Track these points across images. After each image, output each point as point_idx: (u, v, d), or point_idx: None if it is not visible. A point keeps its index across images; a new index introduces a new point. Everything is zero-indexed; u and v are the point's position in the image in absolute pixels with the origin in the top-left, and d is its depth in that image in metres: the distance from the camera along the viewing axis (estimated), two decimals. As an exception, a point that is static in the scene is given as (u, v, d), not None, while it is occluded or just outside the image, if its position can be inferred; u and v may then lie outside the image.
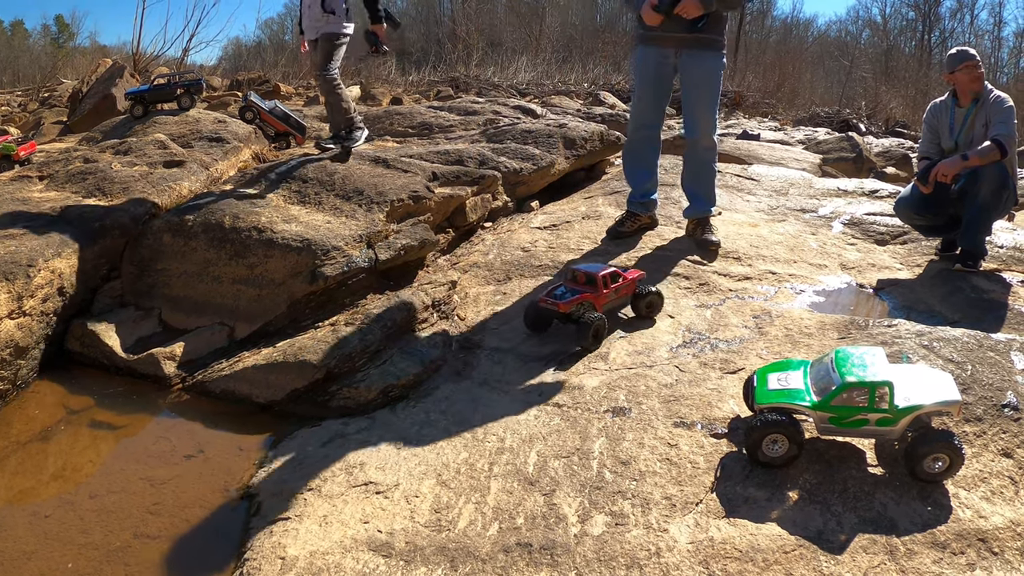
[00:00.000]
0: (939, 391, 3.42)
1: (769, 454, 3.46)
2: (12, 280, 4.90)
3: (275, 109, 9.84)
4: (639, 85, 6.17)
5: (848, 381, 3.37)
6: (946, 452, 3.28)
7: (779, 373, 3.68)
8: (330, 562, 3.20)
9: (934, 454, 3.29)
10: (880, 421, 3.37)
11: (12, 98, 21.03)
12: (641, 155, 6.39)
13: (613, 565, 3.02)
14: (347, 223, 5.83)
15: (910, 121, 23.01)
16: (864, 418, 3.38)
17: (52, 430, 4.50)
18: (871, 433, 3.45)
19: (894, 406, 3.34)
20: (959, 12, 50.71)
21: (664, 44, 5.88)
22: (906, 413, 3.35)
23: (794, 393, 3.51)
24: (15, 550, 3.45)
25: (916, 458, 3.32)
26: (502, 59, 31.99)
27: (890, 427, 3.39)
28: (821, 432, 3.51)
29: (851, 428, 3.44)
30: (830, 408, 3.40)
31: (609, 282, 4.86)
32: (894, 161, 12.60)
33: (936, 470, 3.32)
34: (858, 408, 3.37)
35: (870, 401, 3.35)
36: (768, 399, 3.52)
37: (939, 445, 3.28)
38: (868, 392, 3.35)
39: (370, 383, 4.61)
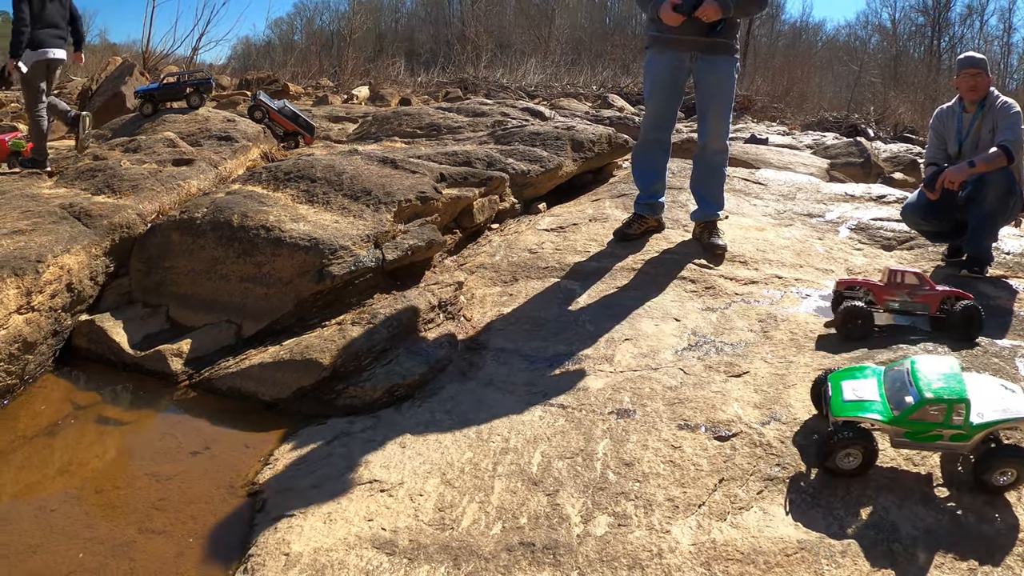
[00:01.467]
0: (1011, 407, 3.39)
1: (842, 466, 3.44)
2: (21, 275, 4.93)
3: (284, 108, 9.90)
4: (652, 88, 6.17)
5: (927, 397, 3.33)
6: (1015, 466, 3.29)
7: (853, 382, 3.65)
8: (334, 559, 3.21)
9: (1003, 468, 3.30)
10: (954, 437, 3.36)
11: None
12: (651, 158, 6.39)
13: (615, 566, 3.04)
14: (355, 223, 5.85)
15: (918, 127, 22.98)
16: (939, 433, 3.37)
17: (59, 425, 4.52)
18: (944, 448, 3.44)
19: (969, 423, 3.33)
20: (969, 18, 50.50)
21: (678, 48, 5.88)
22: (980, 430, 3.34)
23: (870, 406, 3.48)
24: (21, 543, 3.47)
25: (986, 471, 3.32)
26: (511, 61, 32.07)
27: (963, 442, 3.38)
28: (895, 446, 3.50)
29: (924, 443, 3.43)
30: (907, 423, 3.38)
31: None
32: (902, 167, 12.58)
33: (1003, 483, 3.33)
34: (934, 424, 3.35)
35: (946, 417, 3.33)
36: (845, 412, 3.50)
37: (1010, 460, 3.30)
38: (946, 409, 3.32)
39: (376, 382, 4.62)
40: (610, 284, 5.62)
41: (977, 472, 3.35)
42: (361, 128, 11.17)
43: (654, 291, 5.49)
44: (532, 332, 5.06)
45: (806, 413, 3.84)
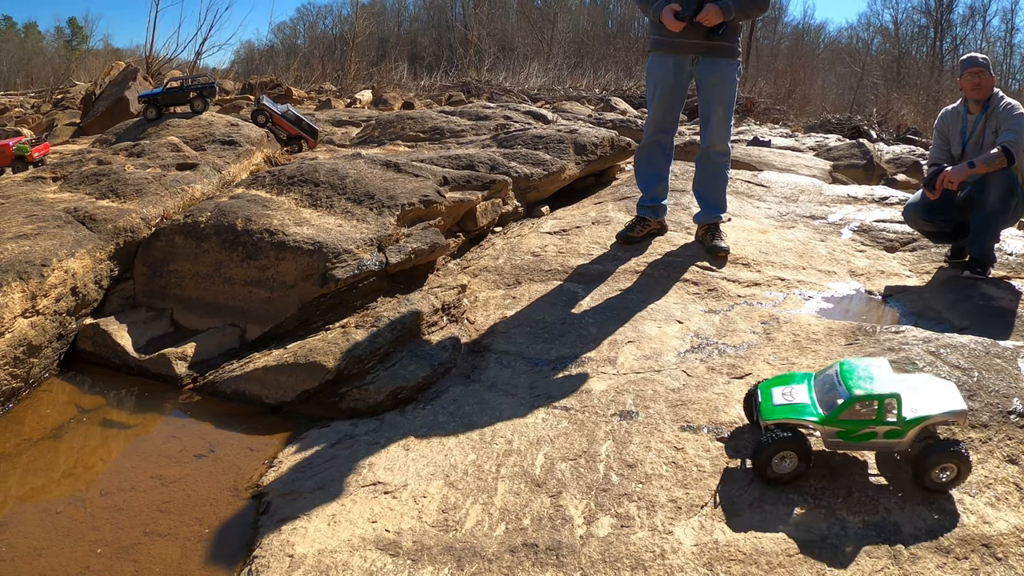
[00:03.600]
0: (945, 401, 3.41)
1: (778, 471, 3.43)
2: (26, 279, 4.95)
3: (287, 113, 9.91)
4: (654, 92, 6.18)
5: (856, 395, 3.34)
6: (954, 461, 3.28)
7: (783, 387, 3.65)
8: (338, 560, 3.23)
9: (942, 464, 3.30)
10: (888, 433, 3.36)
11: (26, 100, 21.16)
12: (654, 161, 6.41)
13: (618, 566, 3.04)
14: (358, 226, 5.87)
15: (921, 128, 22.97)
16: (872, 431, 3.36)
17: (64, 428, 4.54)
18: (880, 446, 3.43)
19: (902, 418, 3.33)
20: (971, 19, 50.52)
21: (680, 51, 5.90)
22: (914, 424, 3.34)
23: (800, 408, 3.48)
24: (26, 546, 3.48)
25: (924, 468, 3.32)
26: (514, 64, 32.09)
27: (898, 439, 3.37)
28: (829, 447, 3.49)
29: (859, 442, 3.42)
30: (838, 422, 3.38)
31: None
32: (905, 168, 12.57)
33: (944, 479, 3.33)
34: (866, 421, 3.35)
35: (878, 414, 3.33)
36: (775, 415, 3.50)
37: (947, 455, 3.28)
38: (876, 405, 3.33)
39: (379, 385, 4.63)
40: (613, 287, 5.63)
41: (916, 470, 3.37)
42: (364, 132, 11.18)
43: (657, 293, 5.50)
44: (535, 335, 5.07)
45: (808, 414, 3.84)
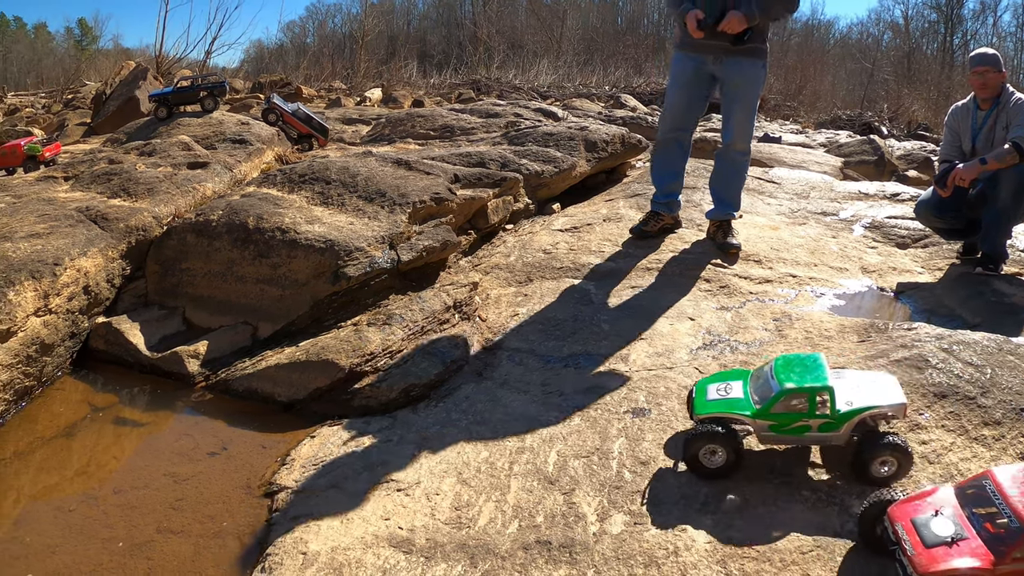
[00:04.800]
0: (883, 395, 3.41)
1: (707, 464, 3.45)
2: (39, 278, 4.97)
3: (298, 111, 9.93)
4: (674, 88, 6.19)
5: (787, 388, 3.36)
6: (893, 454, 3.29)
7: (719, 384, 3.66)
8: (351, 558, 3.23)
9: (881, 457, 3.30)
10: (822, 427, 3.37)
11: (36, 100, 21.23)
12: (670, 157, 6.41)
13: (631, 563, 3.04)
14: (370, 224, 5.87)
15: (932, 124, 22.87)
16: (806, 424, 3.37)
17: (77, 426, 4.55)
18: (815, 439, 3.43)
19: (836, 411, 3.34)
20: (982, 14, 50.29)
21: (703, 51, 5.90)
22: (848, 417, 3.35)
23: (734, 402, 3.50)
24: (40, 543, 3.50)
25: (863, 463, 3.33)
26: (523, 62, 32.06)
27: (833, 432, 3.37)
28: (762, 441, 3.50)
29: (793, 435, 3.42)
30: (770, 416, 3.39)
31: None
32: (916, 164, 12.51)
33: (885, 473, 3.32)
34: (799, 415, 3.36)
35: (810, 407, 3.35)
36: (707, 409, 3.52)
37: (886, 448, 3.28)
38: (807, 397, 3.34)
39: (392, 383, 4.64)
40: (625, 284, 5.63)
41: (856, 464, 3.37)
42: (374, 130, 11.19)
43: (669, 291, 5.49)
44: (547, 332, 5.06)
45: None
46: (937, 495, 2.78)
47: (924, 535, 2.64)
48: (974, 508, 2.65)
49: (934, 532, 2.63)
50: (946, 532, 2.62)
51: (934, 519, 2.68)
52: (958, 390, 3.84)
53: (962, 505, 2.70)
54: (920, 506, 2.76)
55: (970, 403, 3.75)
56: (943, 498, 2.76)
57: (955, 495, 2.75)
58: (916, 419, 3.70)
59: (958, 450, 3.52)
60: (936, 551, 2.57)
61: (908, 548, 2.63)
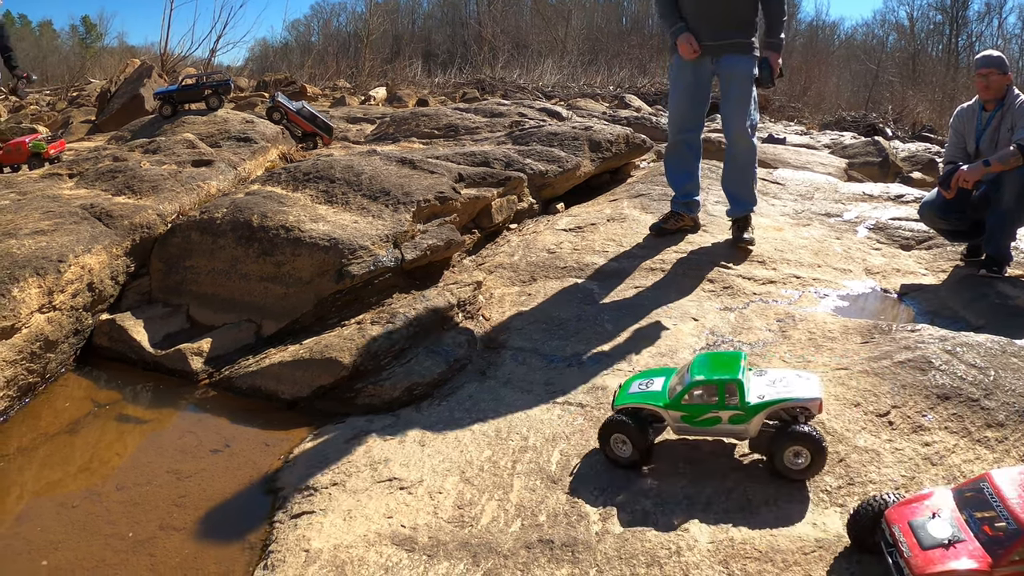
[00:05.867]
0: (797, 390, 3.44)
1: (618, 453, 3.58)
2: (43, 275, 4.97)
3: (302, 110, 9.94)
4: (676, 91, 6.25)
5: (697, 380, 3.45)
6: (805, 445, 3.31)
7: (644, 379, 3.76)
8: (354, 555, 3.23)
9: (792, 447, 3.32)
10: (733, 419, 3.42)
11: (41, 97, 21.22)
12: (682, 160, 6.46)
13: (633, 563, 3.04)
14: (374, 223, 5.87)
15: (937, 126, 22.83)
16: (716, 416, 3.44)
17: (80, 423, 4.56)
18: (726, 432, 3.50)
19: (745, 403, 3.39)
20: (987, 15, 50.13)
21: (702, 53, 5.95)
22: (758, 410, 3.39)
23: (650, 395, 3.59)
24: (43, 539, 3.51)
25: (775, 453, 3.37)
26: (528, 61, 32.05)
27: (743, 424, 3.42)
28: (677, 432, 3.60)
29: (705, 427, 3.50)
30: (681, 407, 3.48)
31: None
32: (920, 166, 12.50)
33: (799, 465, 3.35)
34: (709, 406, 3.44)
35: (720, 399, 3.41)
36: (624, 401, 3.63)
37: (797, 438, 3.31)
38: (717, 389, 3.41)
39: (395, 381, 4.64)
40: (628, 284, 5.63)
41: (768, 456, 3.42)
42: (379, 129, 11.19)
43: (672, 291, 5.50)
44: (550, 331, 5.07)
45: (825, 412, 3.82)
46: (935, 498, 2.78)
47: (921, 537, 2.63)
48: (972, 511, 2.65)
49: (931, 534, 2.63)
50: (943, 534, 2.61)
51: (931, 521, 2.68)
52: (961, 392, 3.84)
53: (960, 508, 2.69)
54: (918, 508, 2.76)
55: (973, 405, 3.75)
56: (941, 501, 2.76)
57: (953, 498, 2.75)
58: (919, 421, 3.70)
59: (961, 452, 3.52)
60: (933, 553, 2.57)
61: (905, 550, 2.63)
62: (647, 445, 3.55)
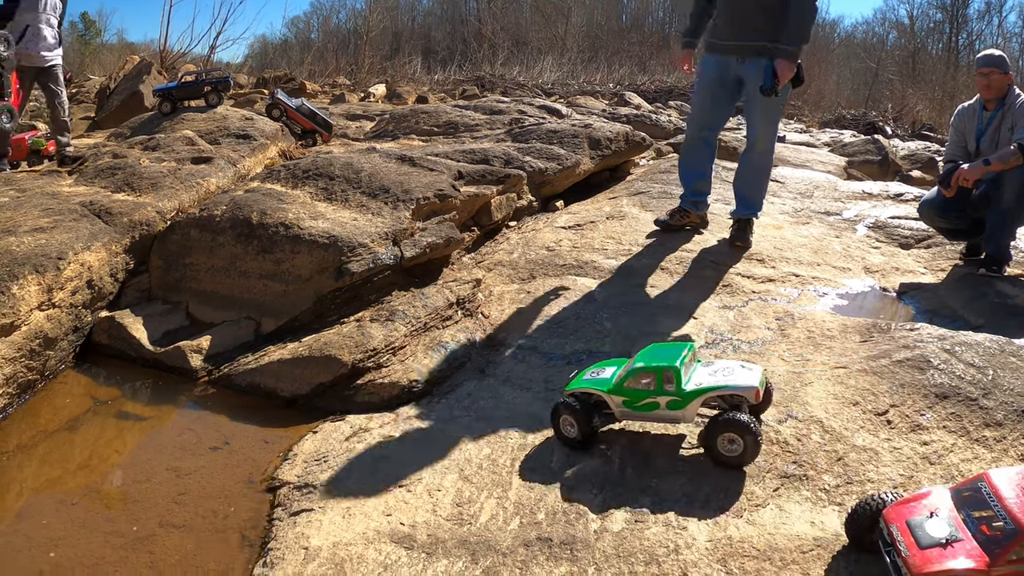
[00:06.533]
0: (736, 379, 3.53)
1: (566, 434, 3.76)
2: (42, 272, 4.97)
3: (302, 107, 9.94)
4: (700, 89, 6.26)
5: (637, 367, 3.60)
6: (738, 432, 3.38)
7: (598, 369, 3.92)
8: (353, 553, 3.24)
9: (726, 434, 3.40)
10: (670, 404, 3.54)
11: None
12: (698, 157, 6.48)
13: (632, 561, 3.04)
14: (373, 220, 5.87)
15: (937, 124, 22.86)
16: (655, 401, 3.56)
17: (79, 420, 4.56)
18: (664, 417, 3.61)
19: (682, 389, 3.49)
20: (987, 14, 50.21)
21: (726, 52, 5.96)
22: (693, 396, 3.49)
23: (597, 381, 3.75)
24: (42, 536, 3.50)
25: (710, 440, 3.46)
26: (527, 58, 32.05)
27: (680, 410, 3.53)
28: (620, 417, 3.72)
29: (644, 412, 3.62)
30: (623, 391, 3.62)
31: None
32: (920, 164, 12.51)
33: (732, 453, 3.43)
34: (648, 392, 3.57)
35: (658, 384, 3.54)
36: (574, 386, 3.82)
37: (731, 425, 3.39)
38: (655, 376, 3.54)
39: (394, 379, 4.64)
40: (628, 282, 5.63)
41: (704, 442, 3.52)
42: (378, 126, 11.20)
43: (671, 289, 5.50)
44: (550, 329, 5.07)
45: (823, 411, 3.84)
46: (933, 497, 2.78)
47: (919, 536, 2.64)
48: (970, 510, 2.65)
49: (929, 534, 2.63)
50: (941, 534, 2.61)
51: (929, 521, 2.68)
52: (960, 391, 3.84)
53: (958, 507, 2.70)
54: (915, 508, 2.76)
55: (972, 404, 3.75)
56: (939, 500, 2.76)
57: (951, 497, 2.75)
58: (918, 420, 3.70)
59: (959, 451, 3.52)
60: (931, 552, 2.57)
61: (903, 549, 2.63)
62: (591, 428, 3.71)
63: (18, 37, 8.03)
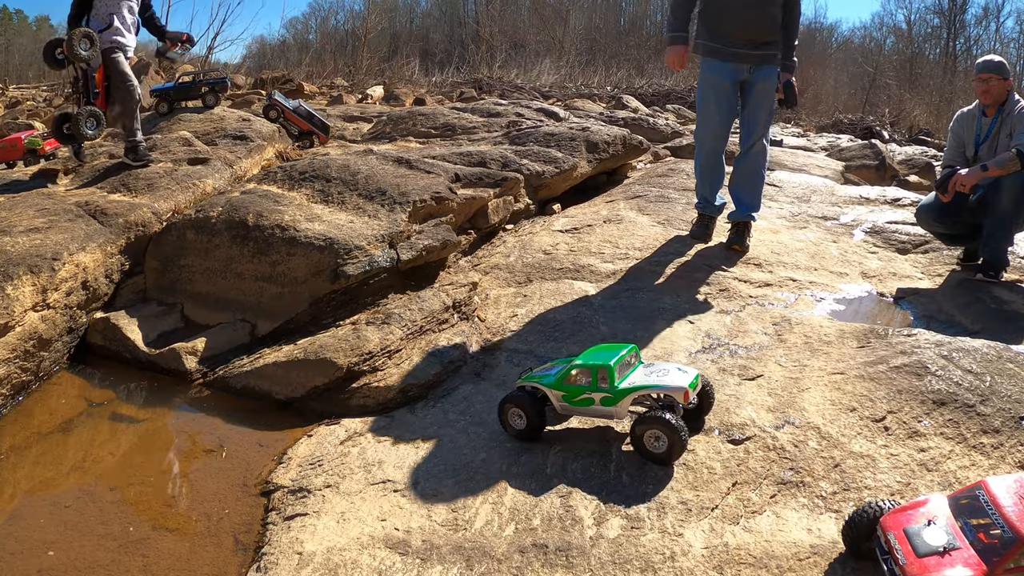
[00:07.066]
0: (668, 379, 3.69)
1: (513, 425, 3.94)
2: (37, 273, 4.96)
3: (299, 108, 9.93)
4: (713, 96, 6.19)
5: (576, 364, 3.81)
6: (661, 430, 3.51)
7: (550, 365, 4.10)
8: (347, 558, 3.22)
9: (651, 430, 3.54)
10: (603, 400, 3.74)
11: (37, 93, 21.17)
12: (718, 168, 6.51)
13: (628, 568, 3.03)
14: (369, 223, 5.86)
15: (934, 129, 22.87)
16: (590, 397, 3.77)
17: (73, 422, 4.55)
18: (599, 412, 3.80)
19: (614, 387, 3.69)
20: (984, 19, 50.20)
21: (737, 60, 5.99)
22: (625, 394, 3.68)
23: (544, 377, 3.94)
24: (36, 539, 3.49)
25: (637, 435, 3.59)
26: (525, 61, 32.00)
27: (612, 407, 3.72)
28: (560, 411, 3.90)
29: (581, 407, 3.82)
30: (561, 387, 3.83)
31: None
32: (917, 169, 12.52)
33: (659, 449, 3.56)
34: (584, 388, 3.77)
35: (593, 381, 3.74)
36: (523, 380, 4.01)
37: (655, 422, 3.52)
38: (591, 373, 3.74)
39: (390, 382, 4.63)
40: (624, 286, 5.62)
41: (632, 438, 3.64)
42: (376, 128, 11.19)
43: (668, 293, 5.49)
44: (546, 333, 5.06)
45: (820, 417, 3.83)
46: (930, 505, 2.78)
47: (916, 544, 2.63)
48: (968, 518, 2.64)
49: (926, 542, 2.62)
50: (939, 542, 2.61)
51: (927, 529, 2.67)
52: (957, 397, 3.83)
53: (955, 515, 2.69)
54: (913, 516, 2.75)
55: (969, 411, 3.74)
56: (936, 508, 2.75)
57: (949, 505, 2.75)
58: (915, 427, 3.70)
59: (956, 458, 3.51)
60: (928, 560, 2.56)
61: (900, 557, 2.62)
62: (538, 422, 3.88)
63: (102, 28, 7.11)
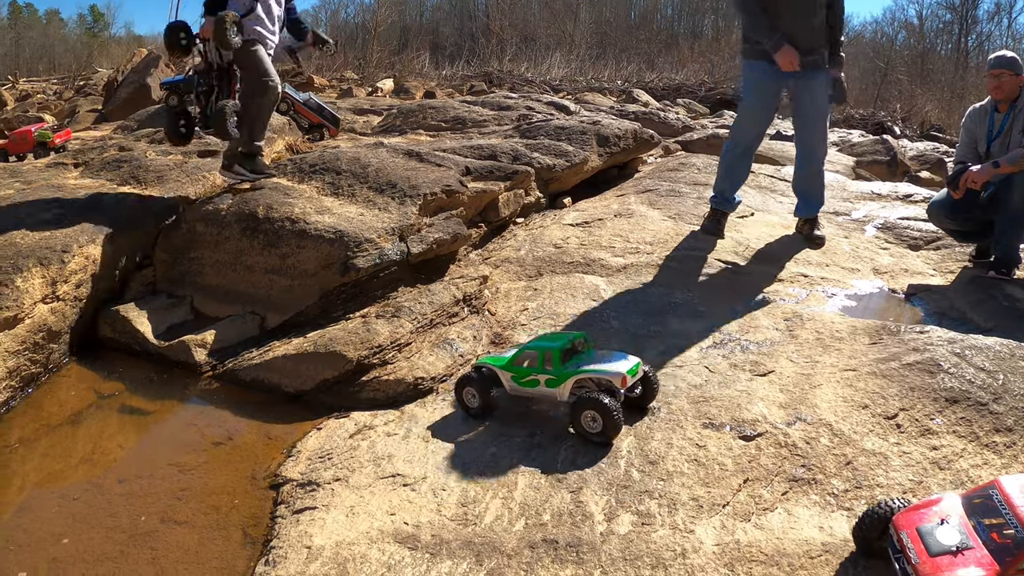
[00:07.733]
0: (608, 365, 3.87)
1: (468, 403, 4.18)
2: (47, 265, 4.95)
3: (309, 101, 9.90)
4: (758, 96, 6.28)
5: (525, 347, 4.07)
6: (597, 411, 3.68)
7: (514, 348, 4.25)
8: (356, 552, 3.21)
9: (587, 412, 3.71)
10: (548, 382, 3.95)
11: (48, 86, 21.25)
12: (746, 167, 6.60)
13: (638, 564, 3.02)
14: (380, 216, 5.84)
15: (945, 125, 22.76)
16: (536, 379, 3.99)
17: (82, 414, 4.55)
18: (543, 394, 4.00)
19: (559, 369, 3.90)
20: (997, 15, 50.15)
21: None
22: (567, 376, 3.88)
23: (497, 358, 4.17)
24: (45, 531, 3.49)
25: (575, 416, 3.76)
26: (535, 55, 31.99)
27: (556, 388, 3.93)
28: (510, 391, 4.12)
29: (528, 387, 4.04)
30: (512, 368, 4.06)
31: None
32: (929, 165, 12.45)
33: (593, 429, 3.73)
34: (531, 370, 3.99)
35: (539, 364, 3.95)
36: (480, 361, 4.27)
37: (590, 404, 3.69)
38: (538, 356, 3.96)
39: (400, 376, 4.61)
40: (635, 280, 5.60)
41: (571, 417, 3.81)
42: (386, 121, 11.17)
43: (679, 288, 5.47)
44: (556, 327, 5.04)
45: (832, 414, 3.81)
46: (943, 504, 2.76)
47: (929, 544, 2.61)
48: (981, 518, 2.62)
49: (939, 541, 2.60)
50: (951, 541, 2.59)
51: (939, 528, 2.65)
52: (970, 395, 3.81)
53: (968, 514, 2.67)
54: (926, 514, 2.74)
55: (982, 409, 3.72)
56: (949, 507, 2.73)
57: (962, 504, 2.73)
58: (928, 424, 3.67)
59: (969, 457, 3.49)
60: (941, 560, 2.54)
61: (913, 556, 2.60)
62: (488, 400, 4.14)
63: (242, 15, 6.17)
